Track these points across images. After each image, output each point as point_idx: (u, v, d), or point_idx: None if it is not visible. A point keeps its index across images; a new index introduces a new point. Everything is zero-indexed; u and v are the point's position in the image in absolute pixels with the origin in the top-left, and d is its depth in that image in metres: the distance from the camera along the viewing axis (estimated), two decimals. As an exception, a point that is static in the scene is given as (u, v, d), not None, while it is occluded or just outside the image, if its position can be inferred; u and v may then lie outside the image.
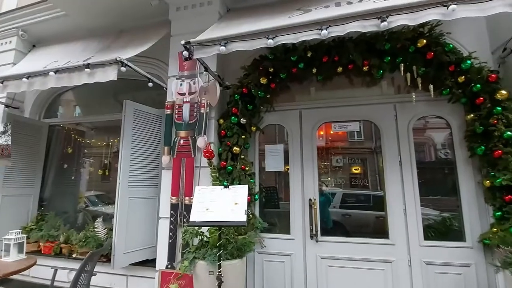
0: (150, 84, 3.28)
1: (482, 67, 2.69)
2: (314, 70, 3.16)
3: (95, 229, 3.58)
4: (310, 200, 3.14)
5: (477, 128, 2.68)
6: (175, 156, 3.18)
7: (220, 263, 2.32)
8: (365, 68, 3.05)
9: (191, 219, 2.38)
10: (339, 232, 3.43)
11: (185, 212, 3.03)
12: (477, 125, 2.69)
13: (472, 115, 2.76)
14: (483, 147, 2.67)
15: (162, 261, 3.00)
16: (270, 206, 3.49)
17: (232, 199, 2.41)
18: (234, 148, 3.12)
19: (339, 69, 3.12)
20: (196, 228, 2.64)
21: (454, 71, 2.79)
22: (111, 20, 3.90)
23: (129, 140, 3.30)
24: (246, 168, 3.12)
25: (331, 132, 3.52)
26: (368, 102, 3.21)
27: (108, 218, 3.95)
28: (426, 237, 2.87)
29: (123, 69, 2.76)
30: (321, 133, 3.48)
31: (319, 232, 3.05)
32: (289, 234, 3.15)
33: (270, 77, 3.25)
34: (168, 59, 3.49)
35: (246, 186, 2.50)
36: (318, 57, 3.10)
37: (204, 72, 3.03)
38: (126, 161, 3.25)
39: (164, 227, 3.09)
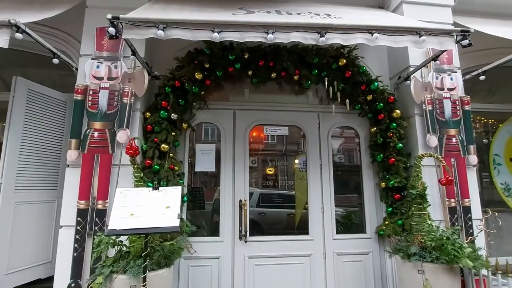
0: (56, 61, 2.64)
1: (384, 89, 3.28)
2: (250, 72, 3.19)
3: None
4: (240, 201, 3.14)
5: (378, 139, 3.24)
6: (86, 152, 2.65)
7: (146, 275, 2.06)
8: (296, 77, 3.27)
9: (110, 227, 2.02)
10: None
11: (97, 219, 2.56)
12: (378, 137, 3.25)
13: (375, 128, 3.32)
14: (381, 155, 3.24)
15: (63, 279, 2.44)
16: (197, 208, 3.33)
17: (163, 202, 2.17)
18: (163, 145, 2.84)
19: (273, 75, 3.25)
20: (114, 237, 2.26)
21: (365, 90, 3.29)
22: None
23: (19, 129, 2.58)
24: (176, 167, 2.88)
25: (254, 135, 3.62)
26: (296, 109, 3.46)
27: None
28: (337, 231, 3.29)
29: (18, 35, 2.11)
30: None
31: (248, 233, 3.08)
32: (218, 236, 3.08)
33: (206, 73, 3.10)
34: (80, 34, 2.90)
35: (179, 187, 2.30)
36: (255, 60, 3.14)
37: (131, 57, 2.64)
38: (13, 155, 2.53)
39: (66, 237, 2.53)
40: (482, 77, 3.19)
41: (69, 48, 3.11)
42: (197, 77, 3.02)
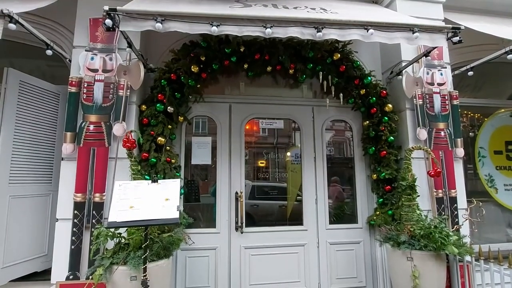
0: (49, 52, 2.58)
1: (377, 83, 3.35)
2: (245, 66, 3.20)
3: None
4: (236, 193, 3.19)
5: (371, 133, 3.33)
6: (81, 145, 2.63)
7: (146, 266, 2.10)
8: (291, 71, 3.31)
9: (110, 220, 2.04)
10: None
11: (94, 212, 2.56)
12: (370, 130, 3.33)
13: (368, 121, 3.40)
14: (373, 148, 3.33)
15: (60, 272, 2.45)
16: (193, 200, 3.36)
17: (162, 195, 2.20)
18: (159, 138, 2.84)
19: (269, 68, 3.27)
20: (113, 229, 2.28)
21: (358, 84, 3.36)
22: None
23: (12, 122, 2.53)
24: (172, 160, 2.90)
25: (246, 128, 3.63)
26: (291, 103, 3.51)
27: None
28: (330, 222, 3.40)
29: (12, 26, 2.06)
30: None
31: (244, 224, 3.15)
32: (215, 227, 3.13)
33: (201, 66, 3.10)
34: (72, 24, 2.85)
35: (178, 180, 2.34)
36: (250, 53, 3.15)
37: (127, 49, 2.61)
38: (7, 149, 2.49)
39: (63, 230, 2.52)
40: (470, 73, 3.30)
41: (61, 39, 3.03)
42: (193, 70, 3.01)
